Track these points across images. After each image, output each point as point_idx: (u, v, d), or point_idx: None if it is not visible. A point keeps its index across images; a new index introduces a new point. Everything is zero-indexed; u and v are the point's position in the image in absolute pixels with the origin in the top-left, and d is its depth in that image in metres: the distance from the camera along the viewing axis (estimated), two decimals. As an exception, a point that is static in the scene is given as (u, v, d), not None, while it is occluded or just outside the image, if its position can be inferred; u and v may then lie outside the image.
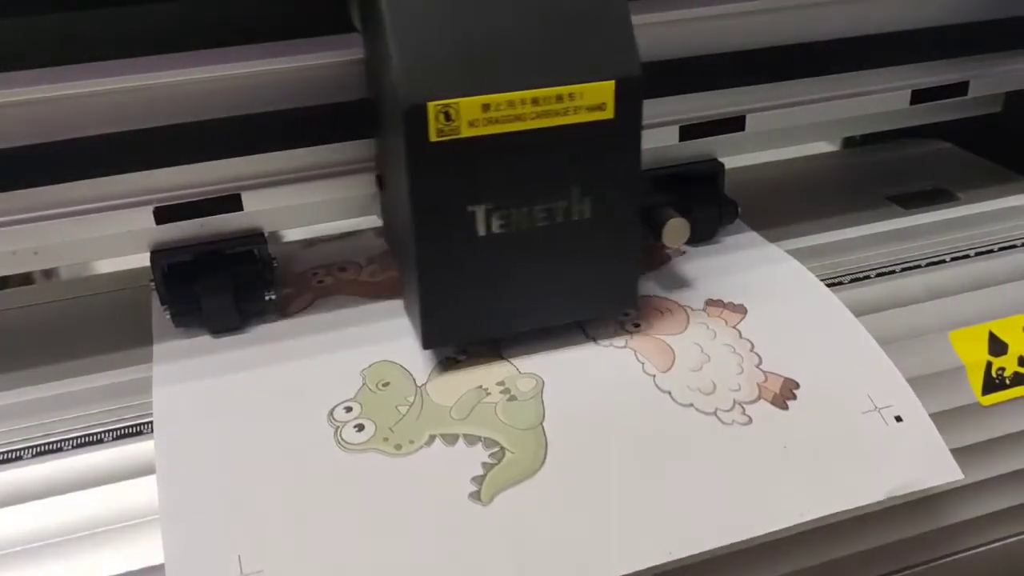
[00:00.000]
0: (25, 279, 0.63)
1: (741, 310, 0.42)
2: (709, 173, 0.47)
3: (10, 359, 0.41)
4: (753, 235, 0.48)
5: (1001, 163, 0.57)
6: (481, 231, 0.36)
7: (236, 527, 0.33)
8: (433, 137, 0.33)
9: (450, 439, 0.36)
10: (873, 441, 0.37)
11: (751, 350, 0.40)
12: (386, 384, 0.38)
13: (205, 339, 0.41)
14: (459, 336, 0.39)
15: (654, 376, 0.39)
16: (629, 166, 0.37)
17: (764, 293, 0.43)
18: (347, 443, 0.35)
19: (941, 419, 0.40)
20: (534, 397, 0.37)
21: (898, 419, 0.38)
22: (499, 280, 0.37)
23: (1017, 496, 0.41)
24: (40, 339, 0.43)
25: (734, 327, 0.41)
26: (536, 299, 0.38)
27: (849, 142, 0.67)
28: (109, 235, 0.38)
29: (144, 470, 0.35)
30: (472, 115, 0.33)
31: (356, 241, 0.49)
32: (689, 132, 0.45)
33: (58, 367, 0.40)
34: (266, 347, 0.40)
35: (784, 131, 0.47)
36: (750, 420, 0.37)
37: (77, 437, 0.36)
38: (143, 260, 0.41)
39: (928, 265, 0.46)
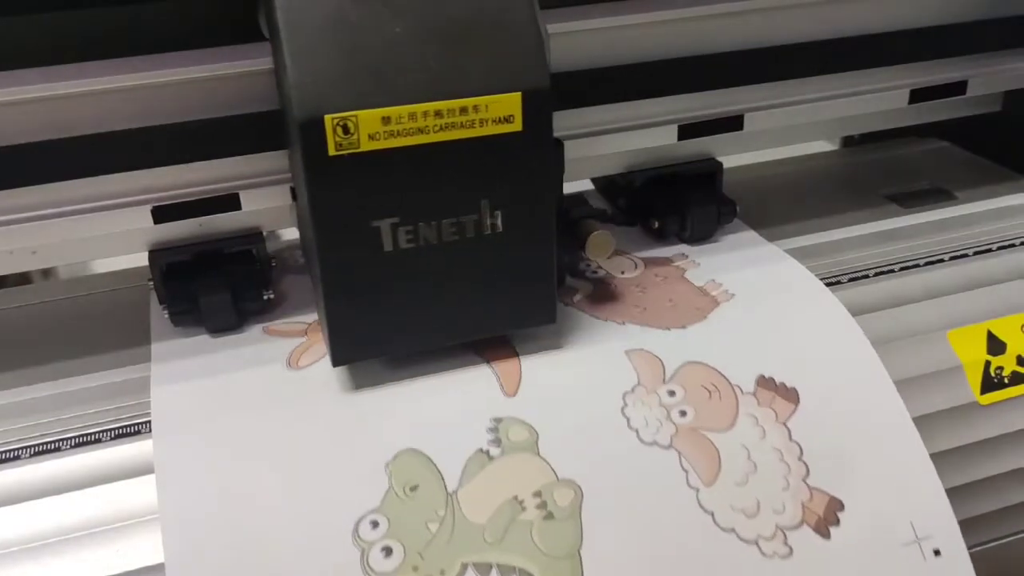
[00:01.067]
0: (23, 278, 0.63)
1: (793, 398, 0.39)
2: (707, 172, 0.47)
3: (8, 358, 0.41)
4: (752, 234, 0.48)
5: (1000, 162, 0.57)
6: (387, 246, 0.34)
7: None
8: (332, 151, 0.32)
9: (483, 569, 0.33)
10: None
11: (799, 458, 0.37)
12: (414, 488, 0.35)
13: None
14: (368, 353, 0.37)
15: (698, 491, 0.36)
16: (541, 178, 0.35)
17: (819, 369, 0.40)
18: (375, 572, 0.33)
19: (940, 418, 0.40)
20: (572, 516, 0.35)
21: (936, 553, 0.37)
22: (410, 296, 0.36)
23: (1015, 495, 0.42)
24: (38, 338, 0.43)
25: (784, 424, 0.38)
26: (450, 315, 0.37)
27: (848, 141, 0.67)
28: (107, 234, 0.38)
29: (143, 470, 0.35)
30: (372, 128, 0.32)
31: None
32: (687, 131, 0.45)
33: (56, 366, 0.40)
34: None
35: (782, 130, 0.47)
36: (791, 552, 0.35)
37: (75, 437, 0.36)
38: (141, 259, 0.41)
39: (927, 264, 0.46)
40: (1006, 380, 0.42)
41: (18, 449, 0.36)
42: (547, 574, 0.34)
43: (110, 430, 0.36)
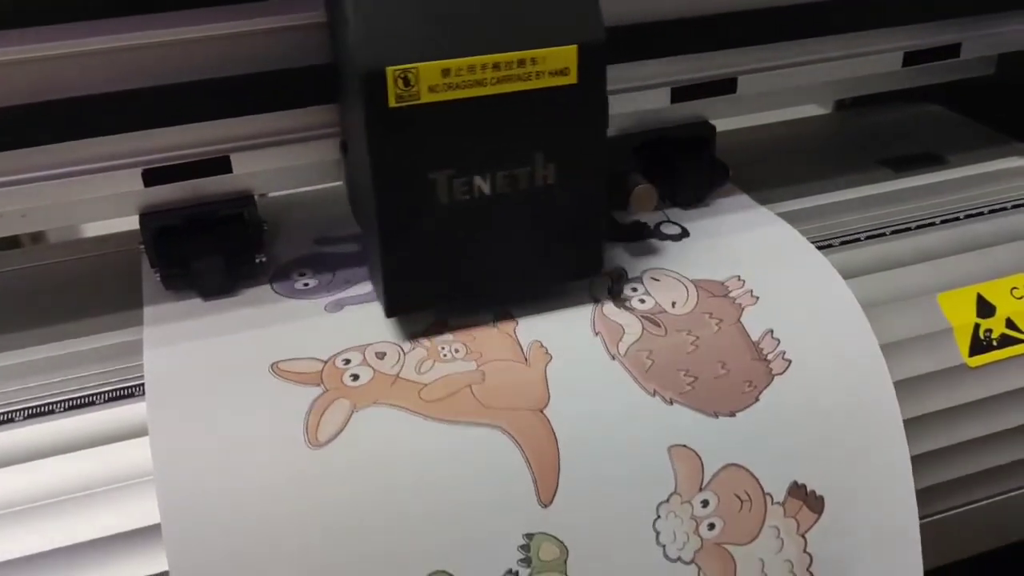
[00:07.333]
0: (12, 242, 0.62)
1: (818, 507, 0.38)
2: (700, 136, 0.47)
3: (0, 322, 0.41)
4: (744, 198, 0.48)
5: (993, 126, 0.57)
6: (443, 198, 0.35)
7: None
8: (392, 103, 0.33)
9: None
10: None
11: (807, 568, 0.38)
12: None
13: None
14: (421, 304, 0.38)
15: None
16: (593, 131, 0.36)
17: (847, 484, 0.39)
18: None
19: (929, 381, 0.40)
20: None
21: None
22: (463, 247, 0.37)
23: (1003, 455, 0.42)
24: (29, 302, 0.43)
25: (803, 535, 0.38)
26: (501, 266, 0.38)
27: (840, 105, 0.66)
28: (97, 197, 0.38)
29: (136, 432, 0.35)
30: (432, 80, 0.33)
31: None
32: (680, 94, 0.44)
33: (48, 330, 0.40)
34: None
35: (776, 94, 0.47)
36: None
37: (69, 399, 0.36)
38: (132, 223, 0.41)
39: (918, 228, 0.46)
40: (995, 343, 0.42)
41: (11, 412, 0.36)
42: None
43: (103, 392, 0.36)
